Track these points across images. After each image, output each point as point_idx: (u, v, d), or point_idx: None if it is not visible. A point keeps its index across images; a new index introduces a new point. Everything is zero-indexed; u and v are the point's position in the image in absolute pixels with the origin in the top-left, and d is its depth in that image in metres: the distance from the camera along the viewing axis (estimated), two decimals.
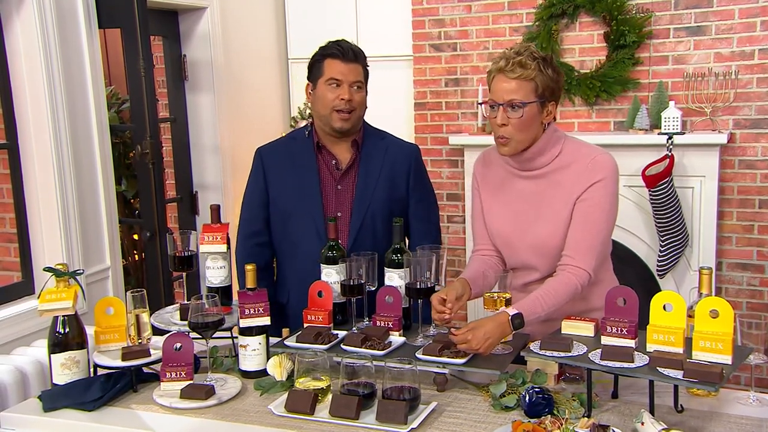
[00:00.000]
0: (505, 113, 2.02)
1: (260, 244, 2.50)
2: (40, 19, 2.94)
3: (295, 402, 1.81)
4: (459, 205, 4.53)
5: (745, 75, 3.85)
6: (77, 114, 3.15)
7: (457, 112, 4.50)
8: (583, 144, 2.15)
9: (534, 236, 2.12)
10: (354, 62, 2.37)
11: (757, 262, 3.97)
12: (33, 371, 2.48)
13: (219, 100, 4.21)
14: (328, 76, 2.35)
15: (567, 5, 4.09)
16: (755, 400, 1.83)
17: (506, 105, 2.01)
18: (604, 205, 2.06)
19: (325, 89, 2.36)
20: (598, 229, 2.06)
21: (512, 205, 2.17)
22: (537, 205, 2.12)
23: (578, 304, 2.09)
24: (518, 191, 2.16)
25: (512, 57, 2.01)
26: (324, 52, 2.39)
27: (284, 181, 2.46)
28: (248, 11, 4.51)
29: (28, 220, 3.09)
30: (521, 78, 1.99)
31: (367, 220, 2.41)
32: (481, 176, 2.27)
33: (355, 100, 2.36)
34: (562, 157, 2.11)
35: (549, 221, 2.10)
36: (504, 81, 2.02)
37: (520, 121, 2.02)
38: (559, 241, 2.08)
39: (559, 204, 2.09)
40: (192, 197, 4.31)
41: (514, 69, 1.99)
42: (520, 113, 2.01)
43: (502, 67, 2.01)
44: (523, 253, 2.16)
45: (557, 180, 2.10)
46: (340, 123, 2.37)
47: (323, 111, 2.38)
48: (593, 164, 2.06)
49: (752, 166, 3.92)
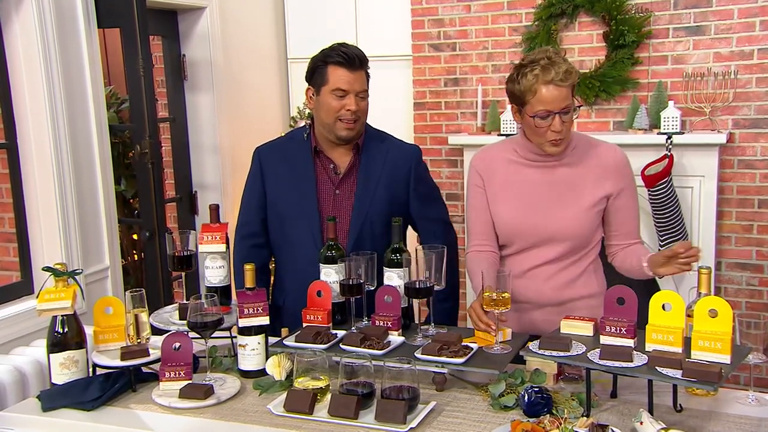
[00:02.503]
0: (560, 119, 2.11)
1: (257, 245, 2.50)
2: (39, 18, 2.94)
3: (294, 402, 1.80)
4: (458, 205, 4.54)
5: (744, 75, 3.85)
6: (76, 114, 3.15)
7: (457, 112, 4.51)
8: (589, 136, 2.30)
9: (553, 223, 2.20)
10: (359, 70, 2.32)
11: (756, 262, 3.97)
12: (32, 371, 2.47)
13: (218, 99, 4.21)
14: (334, 85, 2.30)
15: (566, 5, 4.10)
16: (754, 399, 1.83)
17: (561, 112, 2.10)
18: (636, 193, 2.30)
19: (330, 98, 2.31)
20: (638, 213, 2.31)
21: (525, 195, 2.23)
22: (557, 194, 2.21)
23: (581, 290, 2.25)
24: (532, 181, 2.24)
25: (555, 66, 2.07)
26: (327, 59, 2.32)
27: (281, 182, 2.44)
28: (248, 11, 4.51)
29: (27, 219, 3.08)
30: (570, 85, 2.10)
31: (366, 224, 2.39)
32: (484, 172, 2.30)
33: (360, 109, 2.33)
34: (578, 149, 2.23)
35: (571, 210, 2.20)
36: (556, 90, 2.09)
37: (571, 122, 2.15)
38: (578, 230, 2.20)
39: (584, 195, 2.20)
40: (191, 197, 4.31)
41: (565, 78, 2.08)
42: (571, 115, 2.13)
43: (552, 78, 2.07)
44: (534, 240, 2.22)
45: (578, 171, 2.22)
46: (346, 132, 2.34)
47: (327, 119, 2.34)
48: (618, 162, 2.23)
49: (751, 166, 3.92)
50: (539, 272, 2.23)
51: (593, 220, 2.22)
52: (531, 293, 2.24)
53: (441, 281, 2.13)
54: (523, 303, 2.25)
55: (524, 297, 2.24)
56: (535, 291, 2.24)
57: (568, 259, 2.23)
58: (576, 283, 2.24)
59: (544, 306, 2.25)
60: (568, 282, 2.23)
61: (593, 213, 2.21)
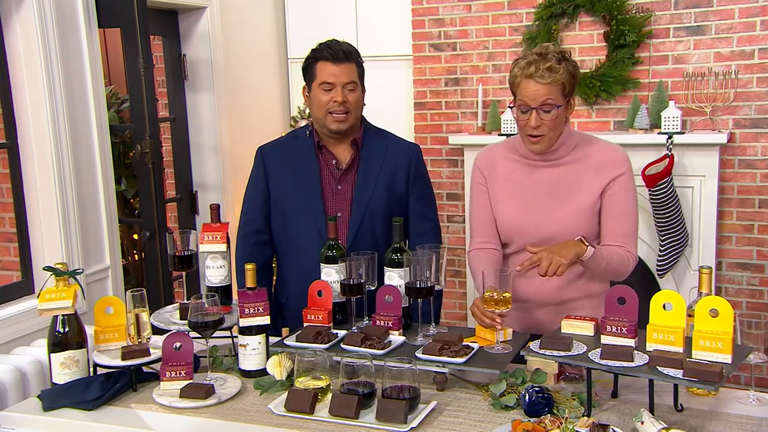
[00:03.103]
0: (538, 115, 2.10)
1: (260, 242, 2.51)
2: (39, 18, 2.94)
3: (295, 401, 1.80)
4: (459, 204, 4.53)
5: (744, 75, 3.85)
6: (77, 113, 3.15)
7: (457, 112, 4.50)
8: (591, 136, 2.29)
9: (553, 222, 2.20)
10: (345, 62, 2.37)
11: (757, 262, 3.97)
12: (32, 371, 2.47)
13: (219, 99, 4.21)
14: (321, 79, 2.36)
15: (567, 5, 4.10)
16: (755, 399, 1.82)
17: (539, 108, 2.08)
18: (631, 194, 2.22)
19: (319, 92, 2.37)
20: (633, 216, 2.22)
21: (526, 195, 2.24)
22: (557, 193, 2.22)
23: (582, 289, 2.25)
24: (534, 181, 2.24)
25: (540, 62, 2.07)
26: (315, 55, 2.40)
27: (285, 179, 2.46)
28: (248, 11, 4.51)
29: (27, 219, 3.08)
30: (553, 82, 2.07)
31: (366, 219, 2.41)
32: (487, 171, 2.32)
33: (349, 101, 2.37)
34: (579, 148, 2.23)
35: (571, 209, 2.19)
36: (535, 85, 2.08)
37: (554, 121, 2.12)
38: (577, 229, 2.17)
39: (582, 193, 2.19)
40: (192, 197, 4.31)
41: (544, 74, 2.06)
42: (553, 114, 2.10)
43: (532, 74, 2.07)
44: (535, 240, 2.21)
45: (577, 170, 2.21)
46: (336, 125, 2.38)
47: (318, 114, 2.40)
48: (614, 157, 2.20)
49: (752, 166, 3.92)
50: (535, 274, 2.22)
51: (593, 219, 2.22)
52: (532, 292, 2.25)
53: (441, 281, 2.13)
54: (524, 302, 2.25)
55: (525, 296, 2.25)
56: (536, 290, 2.24)
57: None
58: (577, 282, 2.24)
59: (546, 305, 2.25)
60: (569, 281, 2.23)
61: (593, 212, 2.21)
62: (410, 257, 2.09)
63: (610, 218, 2.20)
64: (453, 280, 4.57)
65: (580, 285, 2.25)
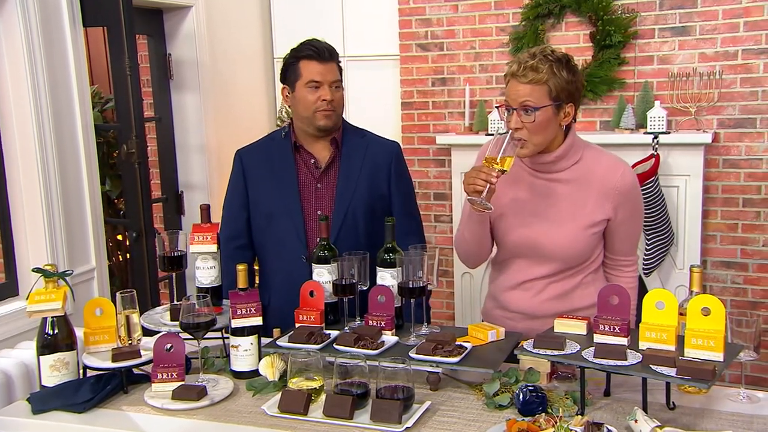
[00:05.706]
0: (519, 117, 2.02)
1: (240, 246, 2.51)
2: (23, 17, 2.90)
3: (288, 402, 1.80)
4: (446, 204, 4.54)
5: (728, 75, 3.89)
6: (62, 113, 3.11)
7: (444, 112, 4.51)
8: (603, 152, 2.19)
9: (548, 240, 2.13)
10: (330, 61, 2.39)
11: (741, 260, 4.01)
12: (18, 373, 2.43)
13: (204, 99, 4.19)
14: (307, 78, 2.36)
15: (553, 5, 4.11)
16: (745, 396, 1.84)
17: (520, 109, 2.02)
18: (639, 215, 2.22)
19: (305, 92, 2.37)
20: (640, 231, 2.28)
21: (524, 208, 2.17)
22: (555, 209, 2.13)
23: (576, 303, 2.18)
24: (532, 193, 2.16)
25: (525, 61, 2.01)
26: (297, 54, 2.39)
27: (264, 181, 2.47)
28: (233, 10, 4.48)
29: (11, 220, 3.04)
30: (533, 82, 2.00)
31: (348, 218, 2.42)
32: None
33: (335, 99, 2.39)
34: (582, 164, 2.13)
35: (568, 227, 2.12)
36: (517, 85, 2.02)
37: (534, 125, 2.02)
38: (572, 250, 2.13)
39: (583, 213, 2.11)
40: (177, 197, 4.28)
41: (526, 73, 2.00)
42: (532, 117, 2.01)
43: (515, 72, 2.02)
44: (529, 254, 2.17)
45: (581, 188, 2.12)
46: (325, 120, 2.39)
47: (305, 113, 2.39)
48: (623, 183, 2.12)
49: (736, 165, 3.96)
50: (533, 285, 2.19)
51: (590, 241, 2.14)
52: (525, 305, 2.21)
53: (434, 282, 2.13)
54: (517, 313, 2.23)
55: (518, 308, 2.22)
56: (528, 303, 2.20)
57: (562, 273, 2.17)
58: (571, 295, 2.18)
59: (539, 317, 2.17)
60: (563, 294, 2.18)
61: (590, 233, 2.13)
62: (402, 257, 2.08)
63: (618, 240, 2.18)
64: (441, 279, 4.56)
65: (574, 299, 2.17)
